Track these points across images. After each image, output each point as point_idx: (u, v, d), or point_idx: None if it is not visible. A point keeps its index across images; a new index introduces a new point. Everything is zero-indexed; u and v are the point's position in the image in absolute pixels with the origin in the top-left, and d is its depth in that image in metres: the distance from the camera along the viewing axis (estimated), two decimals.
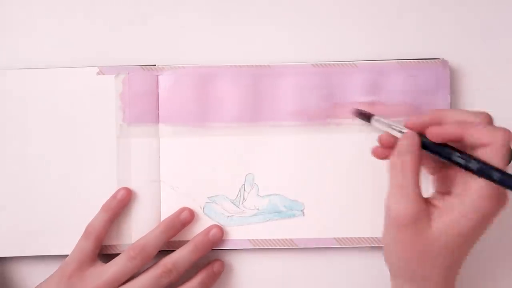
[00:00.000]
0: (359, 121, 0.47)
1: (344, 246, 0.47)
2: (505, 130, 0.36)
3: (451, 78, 0.48)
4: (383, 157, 0.42)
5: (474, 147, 0.37)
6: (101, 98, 0.47)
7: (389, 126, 0.41)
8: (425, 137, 0.38)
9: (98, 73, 0.47)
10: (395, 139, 0.40)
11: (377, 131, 0.43)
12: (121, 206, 0.46)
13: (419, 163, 0.38)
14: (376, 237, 0.47)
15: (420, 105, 0.47)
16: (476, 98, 0.48)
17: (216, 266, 0.47)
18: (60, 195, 0.47)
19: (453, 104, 0.48)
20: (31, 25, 0.49)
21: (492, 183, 0.35)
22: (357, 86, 0.47)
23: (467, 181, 0.36)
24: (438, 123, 0.38)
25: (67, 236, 0.46)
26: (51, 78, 0.47)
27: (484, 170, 0.35)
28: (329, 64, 0.47)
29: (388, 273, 0.40)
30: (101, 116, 0.47)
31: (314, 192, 0.47)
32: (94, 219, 0.46)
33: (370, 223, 0.47)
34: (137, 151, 0.47)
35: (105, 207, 0.46)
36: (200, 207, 0.47)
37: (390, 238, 0.38)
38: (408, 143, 0.39)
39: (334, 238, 0.47)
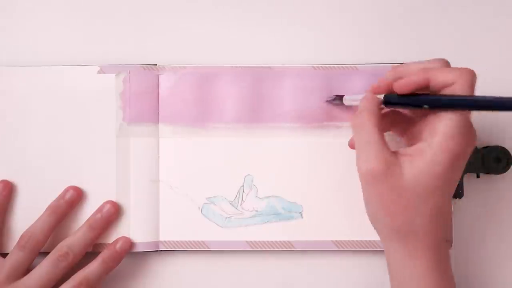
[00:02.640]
0: None
1: (342, 249, 0.47)
2: (470, 69, 0.37)
3: None
4: None
5: (439, 89, 0.37)
6: (101, 97, 0.47)
7: (358, 100, 0.42)
8: (391, 94, 0.39)
9: (98, 72, 0.47)
10: None
11: None
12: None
13: (377, 119, 0.38)
14: (374, 240, 0.47)
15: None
16: None
17: (119, 244, 0.46)
18: (59, 193, 0.47)
19: None
20: (32, 23, 0.49)
21: (459, 119, 0.36)
22: (358, 89, 0.47)
23: (434, 126, 0.36)
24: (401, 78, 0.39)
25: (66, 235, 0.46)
26: (52, 76, 0.47)
27: (455, 100, 0.36)
28: (329, 67, 0.48)
29: (385, 277, 0.40)
30: (101, 114, 0.47)
31: (313, 194, 0.47)
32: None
33: (369, 226, 0.47)
34: (137, 150, 0.47)
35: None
36: (198, 208, 0.47)
37: (369, 198, 0.39)
38: (363, 103, 0.39)
39: (332, 241, 0.47)
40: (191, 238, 0.47)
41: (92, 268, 0.45)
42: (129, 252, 0.46)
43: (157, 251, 0.47)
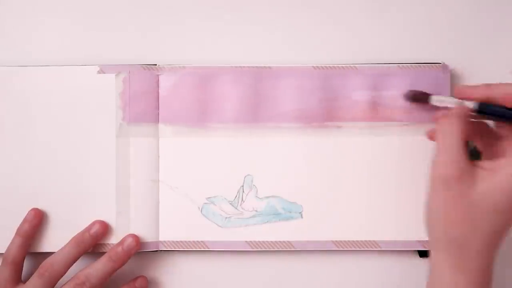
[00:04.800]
0: (358, 124, 0.47)
1: (342, 249, 0.47)
2: None
3: (451, 82, 0.47)
4: None
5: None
6: (101, 96, 0.47)
7: (450, 101, 0.43)
8: (487, 104, 0.40)
9: (98, 72, 0.47)
10: None
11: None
12: (34, 229, 0.46)
13: (465, 128, 0.38)
14: (374, 240, 0.47)
15: (419, 109, 0.47)
16: None
17: (139, 282, 0.47)
18: (59, 193, 0.47)
19: None
20: (32, 23, 0.49)
21: None
22: (357, 89, 0.47)
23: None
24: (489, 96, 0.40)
25: (66, 234, 0.46)
26: (52, 76, 0.47)
27: None
28: (329, 66, 0.48)
29: (386, 277, 0.40)
30: (101, 114, 0.47)
31: (313, 194, 0.47)
32: (10, 244, 0.46)
33: (368, 226, 0.47)
34: (137, 150, 0.47)
35: (18, 231, 0.46)
36: (198, 208, 0.47)
37: (433, 202, 0.38)
38: (456, 110, 0.40)
39: (332, 241, 0.47)
40: (191, 238, 0.47)
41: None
42: (138, 251, 0.46)
43: (157, 251, 0.47)
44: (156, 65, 0.48)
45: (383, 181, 0.47)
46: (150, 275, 0.48)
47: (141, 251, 0.47)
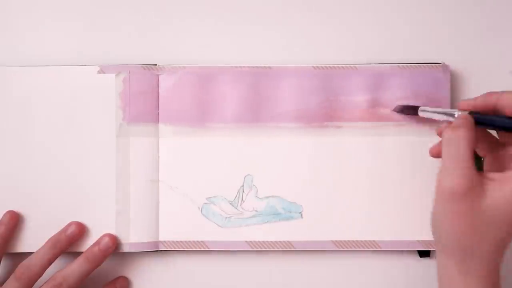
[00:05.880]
0: (358, 124, 0.47)
1: (342, 249, 0.47)
2: None
3: (451, 82, 0.47)
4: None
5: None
6: (101, 96, 0.47)
7: (439, 112, 0.42)
8: (479, 113, 0.39)
9: (98, 72, 0.47)
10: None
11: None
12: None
13: (473, 138, 0.38)
14: (374, 240, 0.47)
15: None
16: None
17: (119, 283, 0.47)
18: (59, 193, 0.47)
19: (453, 108, 0.48)
20: (32, 23, 0.49)
21: None
22: (357, 89, 0.47)
23: None
24: (493, 106, 0.39)
25: None
26: (52, 76, 0.47)
27: None
28: (329, 66, 0.48)
29: (386, 277, 0.40)
30: (101, 114, 0.47)
31: (313, 194, 0.47)
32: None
33: (368, 226, 0.47)
34: (137, 150, 0.47)
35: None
36: (198, 208, 0.47)
37: (442, 211, 0.38)
38: (462, 120, 0.39)
39: (332, 241, 0.47)
40: (191, 238, 0.47)
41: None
42: (115, 251, 0.46)
43: (157, 251, 0.47)
44: (156, 65, 0.48)
45: (383, 181, 0.47)
46: (150, 275, 0.48)
47: (141, 251, 0.47)
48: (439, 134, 0.41)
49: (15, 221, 0.46)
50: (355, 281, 0.48)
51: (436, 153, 0.42)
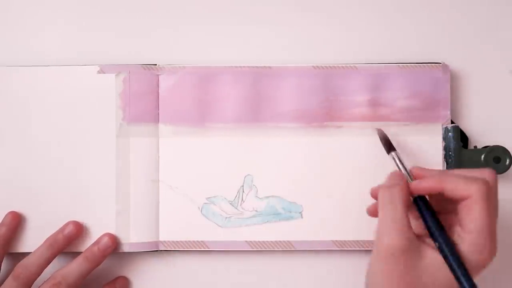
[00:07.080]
0: (359, 124, 0.47)
1: (342, 248, 0.47)
2: (483, 181, 0.36)
3: (451, 82, 0.48)
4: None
5: (457, 201, 0.37)
6: (101, 96, 0.47)
7: (401, 167, 0.42)
8: (424, 197, 0.39)
9: (98, 72, 0.47)
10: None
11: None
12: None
13: (407, 196, 0.38)
14: (374, 241, 0.47)
15: (420, 109, 0.47)
16: (476, 103, 0.48)
17: (119, 283, 0.47)
18: (59, 193, 0.47)
19: (453, 108, 0.48)
20: (32, 23, 0.49)
21: (484, 236, 0.36)
22: (357, 89, 0.47)
23: (464, 226, 0.36)
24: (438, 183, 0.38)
25: None
26: (52, 76, 0.47)
27: (443, 251, 0.36)
28: (329, 66, 0.48)
29: None
30: (101, 114, 0.47)
31: (313, 194, 0.47)
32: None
33: (368, 226, 0.47)
34: (137, 150, 0.47)
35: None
36: (198, 208, 0.47)
37: (378, 271, 0.38)
38: (394, 178, 0.40)
39: (332, 241, 0.47)
40: (191, 238, 0.47)
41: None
42: (115, 251, 0.46)
43: (157, 251, 0.47)
44: (156, 65, 0.48)
45: (383, 181, 0.47)
46: (150, 275, 0.48)
47: (141, 251, 0.47)
48: (374, 195, 0.41)
49: (17, 221, 0.46)
50: (355, 281, 0.48)
51: (372, 213, 0.42)
